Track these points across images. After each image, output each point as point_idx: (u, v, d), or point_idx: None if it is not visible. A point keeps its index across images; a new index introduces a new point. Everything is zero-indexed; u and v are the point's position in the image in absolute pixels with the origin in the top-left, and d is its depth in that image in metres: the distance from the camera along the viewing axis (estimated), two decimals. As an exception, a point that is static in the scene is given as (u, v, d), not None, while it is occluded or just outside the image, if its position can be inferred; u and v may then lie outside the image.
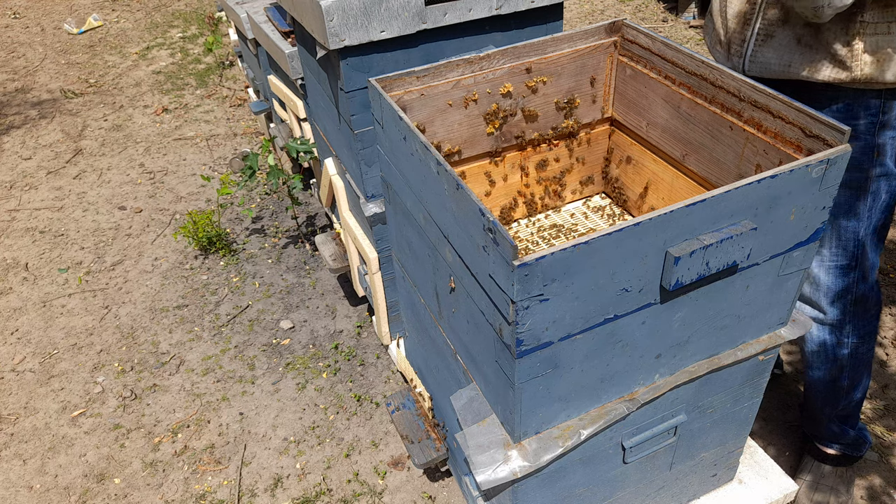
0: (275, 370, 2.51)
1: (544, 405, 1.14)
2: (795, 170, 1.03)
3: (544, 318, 1.00)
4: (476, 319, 1.16)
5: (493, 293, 1.02)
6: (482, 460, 1.17)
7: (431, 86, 1.43)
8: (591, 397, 1.18)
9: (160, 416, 2.36)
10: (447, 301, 1.32)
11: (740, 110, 1.28)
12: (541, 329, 1.01)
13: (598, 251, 0.96)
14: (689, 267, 1.02)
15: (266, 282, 2.96)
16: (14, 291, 3.04)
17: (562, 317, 1.02)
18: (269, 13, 2.69)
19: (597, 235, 0.94)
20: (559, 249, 0.93)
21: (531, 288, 0.94)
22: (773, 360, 1.34)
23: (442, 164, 1.09)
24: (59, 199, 3.72)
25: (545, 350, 1.04)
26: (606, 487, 1.37)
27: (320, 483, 2.09)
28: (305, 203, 3.49)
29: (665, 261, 1.03)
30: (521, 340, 1.01)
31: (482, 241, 1.00)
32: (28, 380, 2.56)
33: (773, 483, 1.59)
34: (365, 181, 1.87)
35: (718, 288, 1.13)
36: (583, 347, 1.09)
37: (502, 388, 1.13)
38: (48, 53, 5.78)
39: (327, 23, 1.53)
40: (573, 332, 1.05)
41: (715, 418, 1.38)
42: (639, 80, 1.55)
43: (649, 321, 1.12)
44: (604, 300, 1.04)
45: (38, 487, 2.15)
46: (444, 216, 1.16)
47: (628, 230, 0.96)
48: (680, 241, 1.02)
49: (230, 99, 4.75)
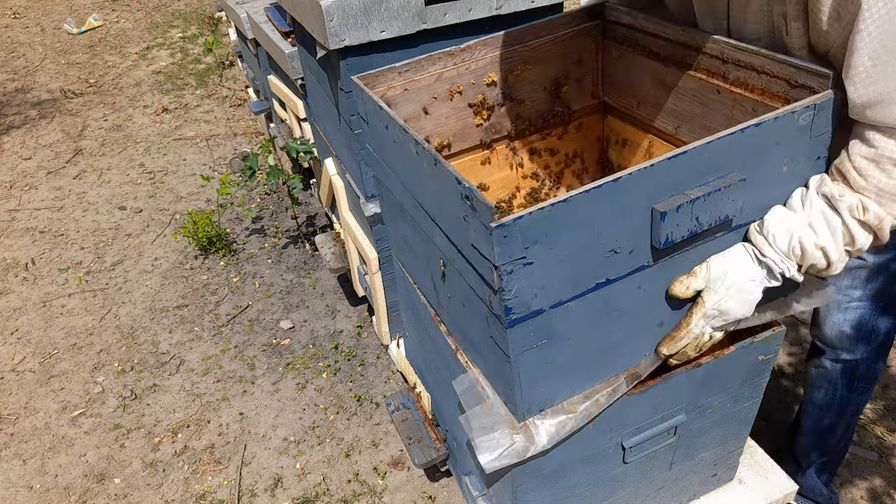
0: (275, 370, 2.51)
1: (544, 379, 1.11)
2: (781, 117, 0.99)
3: (531, 283, 0.97)
4: (469, 299, 1.14)
5: (478, 264, 1.00)
6: (486, 442, 1.14)
7: (414, 80, 1.42)
8: (594, 371, 1.15)
9: (160, 416, 2.36)
10: (443, 289, 1.30)
11: (725, 72, 1.26)
12: (529, 295, 0.98)
13: (578, 209, 0.93)
14: (677, 223, 0.99)
15: (266, 282, 2.96)
16: (14, 291, 3.04)
17: (549, 282, 0.98)
18: (269, 13, 2.69)
19: (574, 193, 0.91)
20: (537, 209, 0.90)
21: (512, 250, 0.92)
22: (772, 360, 1.34)
23: (420, 143, 1.07)
24: (59, 199, 3.72)
25: (537, 319, 1.01)
26: (606, 487, 1.37)
27: (320, 483, 2.09)
28: (305, 203, 3.49)
29: (652, 218, 1.00)
30: (510, 308, 0.98)
31: (462, 211, 0.98)
32: (28, 380, 2.56)
33: (773, 483, 1.58)
34: (365, 181, 1.87)
35: (715, 248, 1.09)
36: (577, 316, 1.05)
37: (500, 364, 1.10)
38: (48, 53, 5.78)
39: (327, 23, 1.53)
40: (564, 298, 1.02)
41: (715, 418, 1.38)
42: (625, 60, 1.53)
43: (646, 286, 1.08)
44: (592, 263, 1.00)
45: (38, 487, 2.15)
46: (429, 198, 1.15)
47: (607, 186, 0.93)
48: (666, 196, 0.99)
49: (230, 99, 4.75)
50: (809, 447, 1.81)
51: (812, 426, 1.78)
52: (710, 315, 1.09)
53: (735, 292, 1.07)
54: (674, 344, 1.14)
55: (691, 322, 1.11)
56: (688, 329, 1.12)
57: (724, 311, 1.08)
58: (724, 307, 1.07)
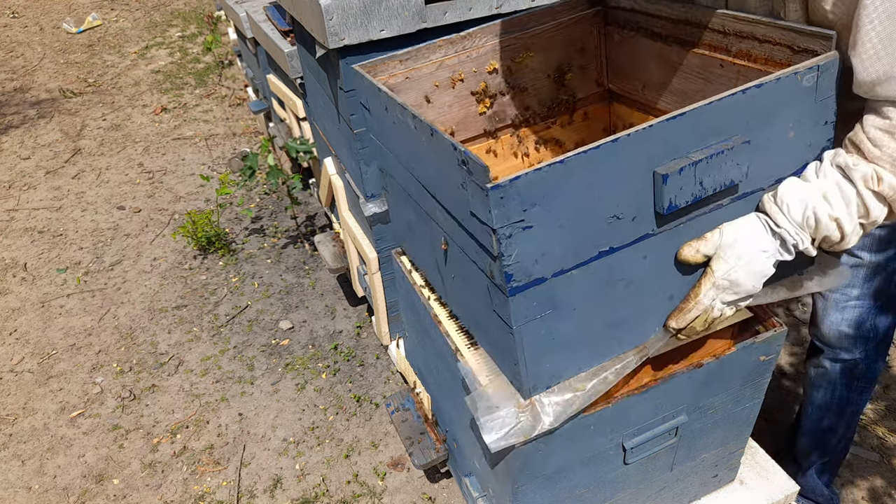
0: (274, 371, 2.50)
1: (550, 354, 1.08)
2: (783, 78, 0.98)
3: (530, 248, 0.95)
4: (471, 274, 1.12)
5: (477, 232, 0.99)
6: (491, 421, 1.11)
7: (415, 68, 1.41)
8: (601, 347, 1.12)
9: (159, 417, 2.36)
10: (447, 271, 1.28)
11: (727, 45, 1.25)
12: (529, 262, 0.96)
13: (577, 171, 0.91)
14: (680, 186, 0.97)
15: (265, 282, 2.95)
16: (12, 292, 3.03)
17: (550, 248, 0.96)
18: (268, 12, 2.69)
19: (572, 154, 0.89)
20: (533, 170, 0.88)
21: (510, 213, 0.90)
22: (774, 360, 1.34)
23: (417, 117, 1.07)
24: (58, 199, 3.72)
25: (539, 287, 0.99)
26: (607, 488, 1.37)
27: (319, 484, 2.09)
28: (305, 203, 3.48)
29: (654, 182, 0.98)
30: (511, 275, 0.96)
31: (459, 178, 0.97)
32: (27, 380, 2.56)
33: (774, 483, 1.58)
34: (364, 181, 1.86)
35: (724, 217, 1.07)
36: (581, 286, 1.02)
37: (504, 338, 1.08)
38: (47, 53, 5.77)
39: (327, 22, 1.52)
40: (566, 266, 0.99)
41: (716, 419, 1.38)
42: (628, 45, 1.52)
43: (652, 256, 1.05)
44: (594, 229, 0.98)
45: (37, 488, 2.14)
46: (429, 175, 1.14)
47: (605, 147, 0.91)
48: (667, 159, 0.97)
49: (229, 98, 4.74)
50: (810, 448, 1.81)
51: (812, 426, 1.78)
52: (720, 286, 1.06)
53: (745, 262, 1.04)
54: (682, 316, 1.11)
55: (700, 292, 1.08)
56: (696, 300, 1.09)
57: (734, 281, 1.05)
58: (733, 277, 1.04)
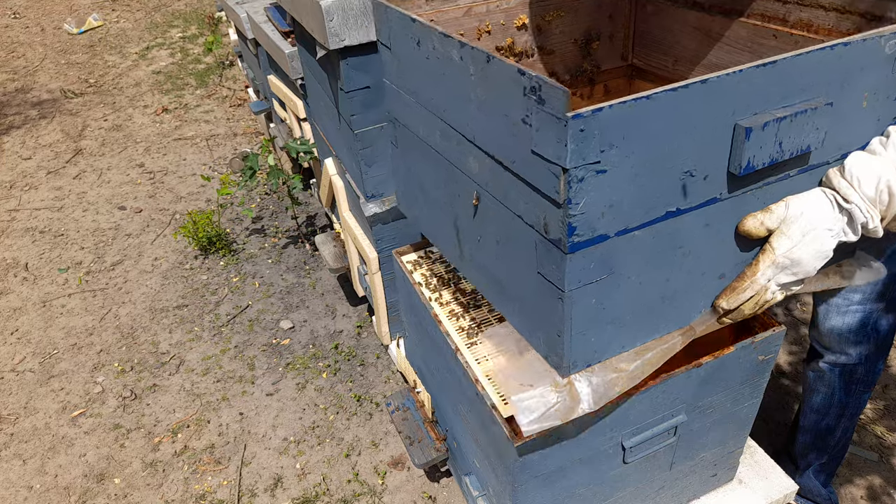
0: (275, 370, 2.51)
1: (597, 327, 0.98)
2: (868, 40, 0.93)
3: (601, 197, 0.86)
4: (508, 233, 1.03)
5: (536, 177, 0.88)
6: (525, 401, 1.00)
7: (442, 10, 1.33)
8: (649, 323, 1.04)
9: (160, 416, 2.36)
10: (470, 233, 1.18)
11: (785, 14, 1.17)
12: (596, 214, 0.87)
13: (662, 111, 0.83)
14: (761, 145, 0.90)
15: (266, 282, 2.96)
16: (14, 291, 3.04)
17: (620, 201, 0.88)
18: (268, 13, 2.69)
19: (660, 90, 0.82)
20: (618, 102, 0.79)
21: (587, 150, 0.81)
22: (772, 360, 1.34)
23: (466, 45, 0.97)
24: (59, 199, 3.72)
25: (600, 246, 0.90)
26: (606, 487, 1.37)
27: (320, 483, 2.09)
28: (305, 203, 3.49)
29: (734, 136, 0.90)
30: (574, 228, 0.86)
31: (522, 111, 0.87)
32: (28, 380, 2.56)
33: (773, 483, 1.58)
34: (365, 181, 1.87)
35: (789, 189, 1.00)
36: (642, 249, 0.94)
37: (546, 306, 0.98)
38: (48, 53, 5.78)
39: (327, 23, 1.53)
40: (632, 225, 0.91)
41: (715, 418, 1.38)
42: (662, 15, 1.45)
43: (714, 224, 0.98)
44: (666, 185, 0.90)
45: (38, 487, 2.15)
46: (468, 116, 1.04)
47: (695, 87, 0.83)
48: (750, 113, 0.89)
49: (230, 99, 4.75)
50: (808, 448, 1.81)
51: (810, 428, 1.78)
52: (780, 264, 0.99)
53: (810, 240, 0.98)
54: (735, 296, 1.04)
55: (758, 270, 1.01)
56: (753, 279, 1.02)
57: (796, 260, 0.99)
58: (796, 255, 0.98)
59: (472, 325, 1.43)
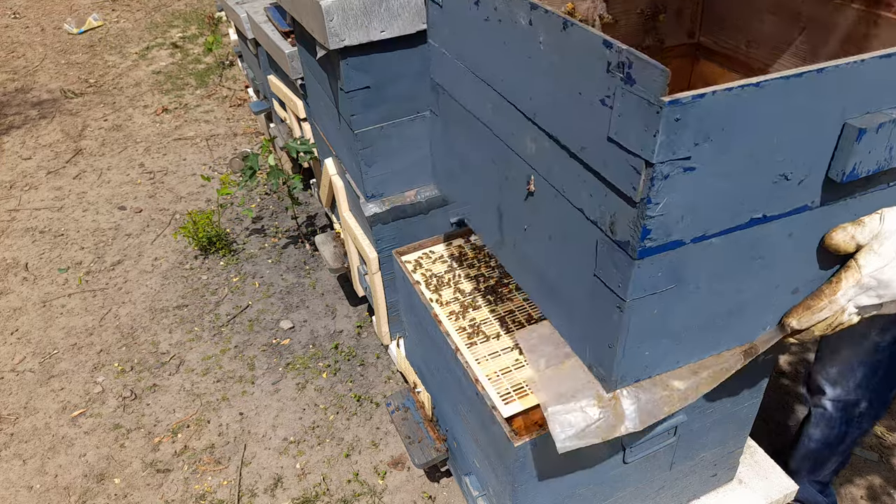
0: (275, 370, 2.51)
1: (653, 339, 0.88)
2: None
3: (683, 199, 0.74)
4: (564, 227, 0.91)
5: (610, 168, 0.77)
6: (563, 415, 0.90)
7: None
8: (710, 338, 0.93)
9: (160, 416, 2.36)
10: (517, 219, 1.06)
11: None
12: (675, 217, 0.76)
13: (769, 100, 0.71)
14: (871, 149, 0.78)
15: (266, 282, 2.96)
16: (14, 291, 3.04)
17: (702, 204, 0.76)
18: (268, 13, 2.69)
19: (771, 77, 0.70)
20: (723, 89, 0.68)
21: (679, 144, 0.69)
22: (773, 360, 1.34)
23: (539, 7, 0.84)
24: (59, 199, 3.72)
25: (672, 253, 0.79)
26: (606, 487, 1.37)
27: (320, 483, 2.09)
28: (305, 203, 3.49)
29: (841, 137, 0.78)
30: (649, 231, 0.75)
31: (602, 91, 0.75)
32: (28, 380, 2.56)
33: (773, 483, 1.59)
34: (365, 181, 1.87)
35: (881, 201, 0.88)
36: (716, 259, 0.83)
37: (601, 313, 0.87)
38: (48, 53, 5.78)
39: (327, 23, 1.53)
40: (710, 231, 0.80)
41: (715, 418, 1.38)
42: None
43: (798, 234, 0.87)
44: (758, 188, 0.79)
45: (38, 487, 2.15)
46: (530, 89, 0.92)
47: (808, 76, 0.71)
48: (861, 111, 0.77)
49: (230, 99, 4.75)
50: (802, 468, 1.80)
51: (807, 454, 1.77)
52: (865, 284, 0.87)
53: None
54: (809, 316, 0.92)
55: (839, 290, 0.89)
56: (832, 298, 0.90)
57: (885, 282, 0.86)
58: (886, 277, 0.86)
59: (472, 325, 1.43)
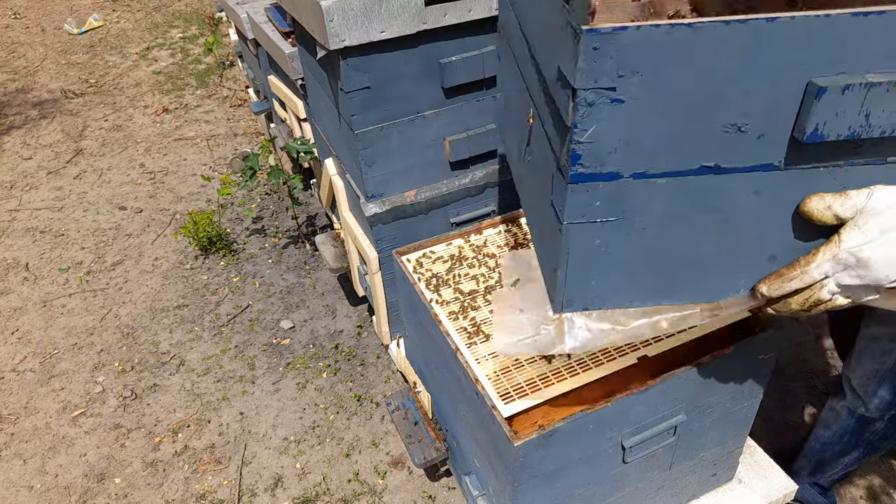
0: (275, 370, 2.51)
1: (600, 271, 0.89)
2: None
3: (613, 130, 0.75)
4: (544, 155, 0.93)
5: (558, 96, 0.78)
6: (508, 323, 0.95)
7: None
8: (666, 286, 0.92)
9: (160, 416, 2.36)
10: (525, 154, 1.08)
11: None
12: (607, 148, 0.76)
13: (707, 45, 0.69)
14: (837, 111, 0.72)
15: (266, 282, 2.96)
16: (14, 291, 3.04)
17: (639, 139, 0.76)
18: (269, 13, 2.70)
19: (707, 20, 0.68)
20: (649, 25, 0.67)
21: (600, 72, 0.69)
22: (773, 360, 1.34)
23: None
24: (60, 199, 3.73)
25: (610, 185, 0.80)
26: (606, 487, 1.37)
27: (320, 483, 2.09)
28: (305, 203, 3.49)
29: (805, 95, 0.73)
30: (578, 157, 0.76)
31: (560, 18, 0.75)
32: (28, 380, 2.57)
33: (772, 482, 1.59)
34: (365, 181, 1.87)
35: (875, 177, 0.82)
36: (664, 201, 0.82)
37: (552, 236, 0.89)
38: (49, 53, 5.78)
39: (327, 23, 1.53)
40: (652, 170, 0.79)
41: (714, 418, 1.39)
42: None
43: (767, 195, 0.82)
44: (704, 133, 0.77)
45: (39, 487, 2.15)
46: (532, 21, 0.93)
47: (755, 24, 0.68)
48: (833, 71, 0.72)
49: (230, 99, 4.75)
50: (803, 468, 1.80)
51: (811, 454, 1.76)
52: (843, 261, 0.81)
53: (889, 242, 0.78)
54: (778, 283, 0.88)
55: (812, 261, 0.83)
56: (804, 269, 0.84)
57: (864, 261, 0.80)
58: (864, 255, 0.79)
59: (472, 325, 1.43)
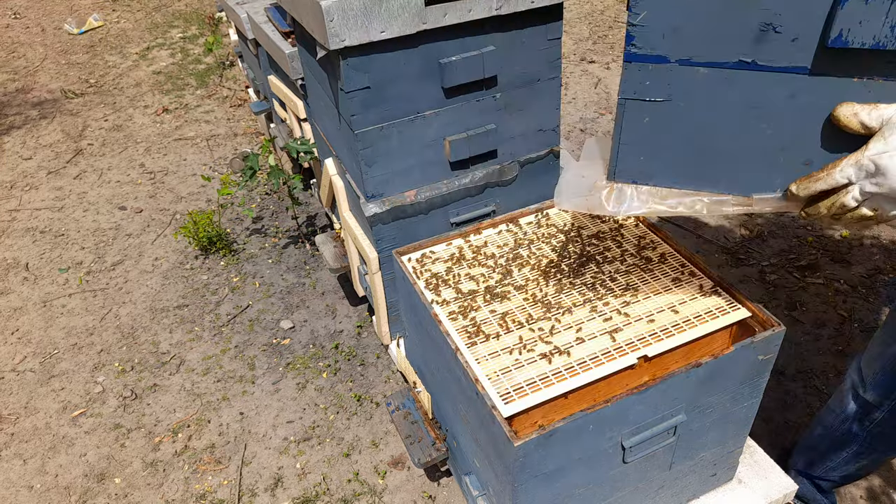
0: (275, 370, 2.51)
1: (647, 149, 0.99)
2: None
3: (663, 15, 0.84)
4: None
5: None
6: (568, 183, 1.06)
7: None
8: (706, 173, 1.00)
9: (160, 416, 2.36)
10: None
11: None
12: (657, 32, 0.86)
13: None
14: (860, 19, 0.76)
15: (266, 282, 2.96)
16: (14, 291, 3.04)
17: (683, 27, 0.85)
18: (269, 13, 2.70)
19: None
20: None
21: None
22: (772, 359, 1.34)
23: None
24: (60, 199, 3.73)
25: (659, 67, 0.90)
26: (606, 487, 1.37)
27: (320, 483, 2.10)
28: (305, 203, 3.49)
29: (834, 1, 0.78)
30: (633, 38, 0.87)
31: None
32: (28, 380, 2.57)
33: (772, 482, 1.59)
34: (365, 181, 1.87)
35: None
36: (707, 90, 0.91)
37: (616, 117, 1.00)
38: (49, 54, 5.78)
39: (327, 23, 1.53)
40: (697, 58, 0.88)
41: (714, 418, 1.39)
42: None
43: (802, 99, 0.89)
44: (740, 29, 0.84)
45: (39, 487, 2.15)
46: None
47: None
48: None
49: (230, 99, 4.75)
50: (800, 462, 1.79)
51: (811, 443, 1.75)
52: (863, 166, 0.85)
53: None
54: (806, 184, 0.93)
55: (838, 165, 0.88)
56: (829, 171, 0.89)
57: (882, 168, 0.83)
58: (883, 163, 0.82)
59: (472, 325, 1.43)
